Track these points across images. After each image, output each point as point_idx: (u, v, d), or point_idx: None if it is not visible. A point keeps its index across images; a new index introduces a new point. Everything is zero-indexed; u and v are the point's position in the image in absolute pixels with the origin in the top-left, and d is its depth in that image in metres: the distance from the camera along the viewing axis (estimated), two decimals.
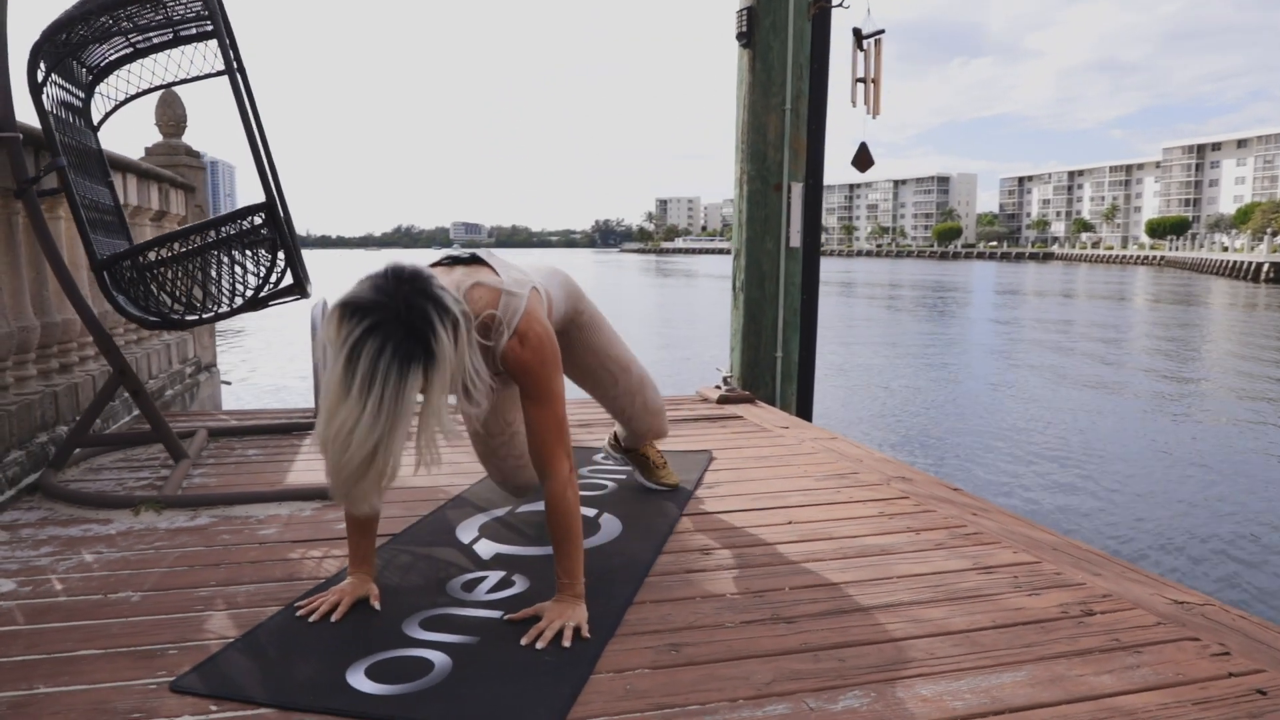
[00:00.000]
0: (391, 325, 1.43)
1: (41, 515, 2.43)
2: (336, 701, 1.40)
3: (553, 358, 1.73)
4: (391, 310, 1.43)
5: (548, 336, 1.72)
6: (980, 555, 2.10)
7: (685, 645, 1.62)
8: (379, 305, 1.44)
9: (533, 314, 1.72)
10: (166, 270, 2.61)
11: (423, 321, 1.44)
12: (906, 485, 2.75)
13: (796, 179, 4.42)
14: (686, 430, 3.59)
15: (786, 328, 4.53)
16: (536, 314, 1.73)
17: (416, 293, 1.46)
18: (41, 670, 1.54)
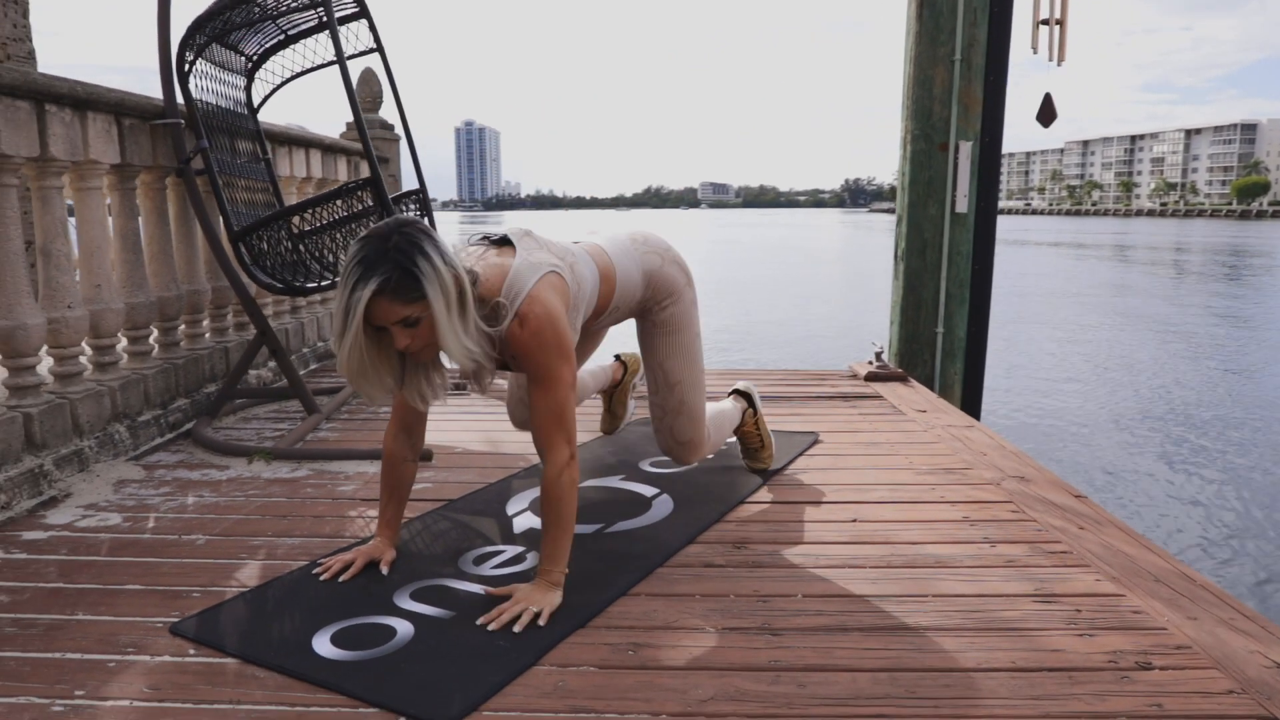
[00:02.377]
0: (374, 243, 1.53)
1: (180, 458, 2.76)
2: (286, 660, 1.48)
3: (554, 342, 1.68)
4: (381, 236, 1.54)
5: (549, 320, 1.68)
6: (1051, 580, 1.82)
7: (647, 647, 1.54)
8: (375, 234, 1.55)
9: (537, 296, 1.68)
10: (268, 245, 2.84)
11: (399, 250, 1.52)
12: (1018, 487, 2.42)
13: (966, 137, 3.99)
14: (810, 409, 3.40)
15: (950, 301, 4.14)
16: (541, 296, 1.69)
17: (408, 233, 1.55)
18: (90, 599, 1.76)
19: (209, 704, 1.37)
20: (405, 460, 1.91)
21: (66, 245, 2.64)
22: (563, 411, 1.69)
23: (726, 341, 12.22)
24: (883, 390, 3.75)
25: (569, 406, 1.70)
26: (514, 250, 1.79)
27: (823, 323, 13.94)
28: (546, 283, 1.73)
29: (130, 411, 2.84)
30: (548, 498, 1.69)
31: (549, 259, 1.77)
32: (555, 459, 1.68)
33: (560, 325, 1.70)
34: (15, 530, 2.14)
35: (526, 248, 1.78)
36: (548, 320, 1.69)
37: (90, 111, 2.67)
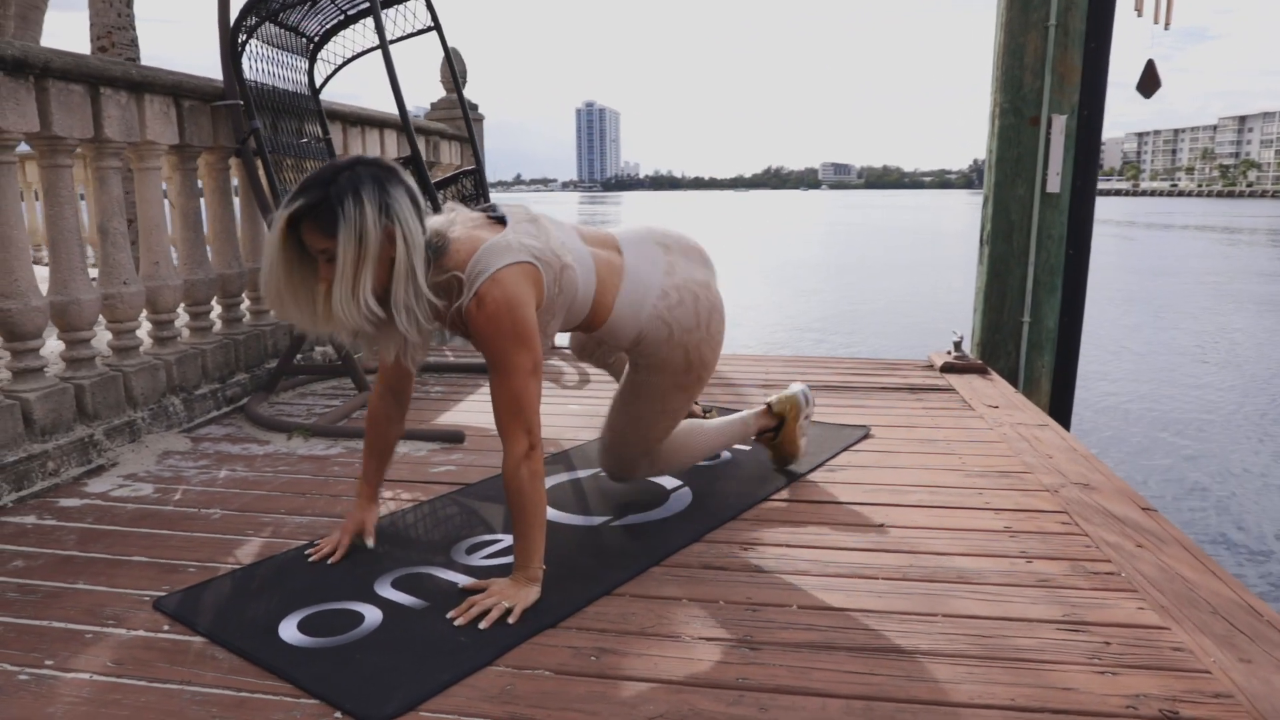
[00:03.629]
0: (328, 170, 1.54)
1: (228, 432, 2.84)
2: (248, 643, 1.47)
3: (510, 329, 1.58)
4: (340, 166, 1.54)
5: (507, 305, 1.58)
6: (1084, 605, 1.62)
7: (612, 653, 1.45)
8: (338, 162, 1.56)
9: (501, 279, 1.59)
10: None
11: (340, 184, 1.50)
12: (1077, 495, 2.20)
13: (1060, 110, 3.67)
14: (872, 400, 3.22)
15: (1039, 288, 3.84)
16: (506, 280, 1.59)
17: (361, 172, 1.52)
18: (94, 568, 1.80)
19: (161, 683, 1.37)
20: (391, 421, 1.88)
21: (123, 223, 2.74)
22: (519, 401, 1.60)
23: (821, 326, 11.90)
24: (956, 383, 3.51)
25: (526, 396, 1.60)
26: (500, 226, 1.70)
27: (924, 308, 13.37)
28: (518, 269, 1.61)
29: (187, 385, 2.94)
30: (508, 491, 1.61)
31: (534, 247, 1.66)
32: (512, 450, 1.60)
33: (520, 312, 1.59)
34: (55, 497, 2.23)
35: (518, 231, 1.69)
36: (505, 305, 1.58)
37: (147, 94, 2.75)
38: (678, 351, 1.91)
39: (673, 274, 1.91)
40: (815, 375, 3.65)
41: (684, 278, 1.92)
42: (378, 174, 1.53)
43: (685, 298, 1.90)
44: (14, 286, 2.33)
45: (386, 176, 1.54)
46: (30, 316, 2.35)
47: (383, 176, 1.53)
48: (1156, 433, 6.71)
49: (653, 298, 1.87)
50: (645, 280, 1.88)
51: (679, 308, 1.89)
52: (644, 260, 1.90)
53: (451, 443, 2.67)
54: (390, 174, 1.55)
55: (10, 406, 2.27)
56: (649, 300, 1.87)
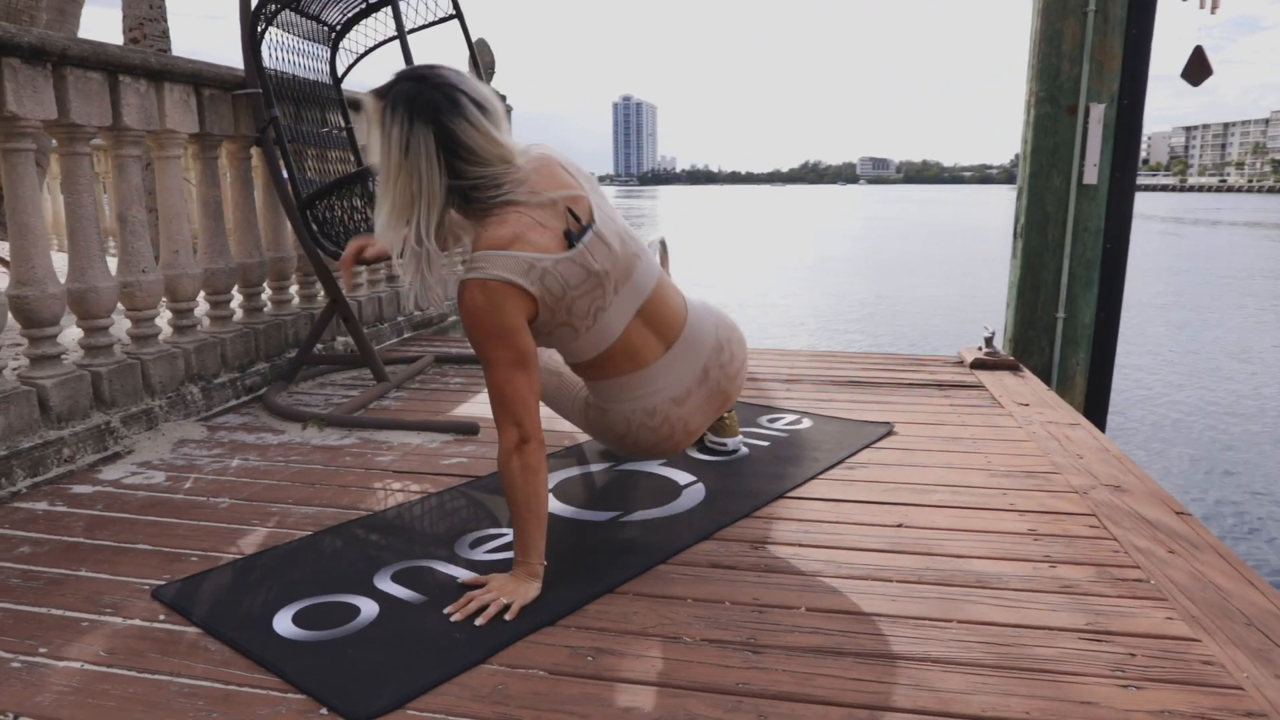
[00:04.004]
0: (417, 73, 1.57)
1: (244, 421, 2.84)
2: (240, 635, 1.45)
3: (487, 326, 1.56)
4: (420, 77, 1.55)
5: (486, 311, 1.56)
6: (1110, 613, 1.54)
7: (610, 654, 1.41)
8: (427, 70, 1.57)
9: (489, 289, 1.54)
10: (339, 213, 2.85)
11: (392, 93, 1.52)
12: (1107, 497, 2.11)
13: (1099, 98, 3.55)
14: (897, 397, 3.13)
15: (1075, 283, 3.72)
16: (493, 292, 1.54)
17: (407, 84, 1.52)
18: (99, 556, 1.80)
19: (151, 674, 1.35)
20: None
21: (142, 212, 2.74)
22: (502, 393, 1.57)
23: (853, 321, 11.74)
24: (987, 379, 3.41)
25: (510, 388, 1.56)
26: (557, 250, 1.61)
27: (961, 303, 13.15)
28: (510, 290, 1.56)
29: (205, 373, 2.95)
30: (503, 484, 1.59)
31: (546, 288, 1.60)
32: (502, 442, 1.57)
33: (495, 319, 1.56)
34: (68, 484, 2.24)
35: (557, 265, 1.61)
36: (484, 310, 1.56)
37: (167, 82, 2.75)
38: (613, 434, 2.01)
39: (681, 404, 1.91)
40: (840, 370, 3.57)
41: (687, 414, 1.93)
42: (419, 104, 1.50)
43: (664, 428, 1.93)
44: (31, 274, 2.34)
45: (424, 109, 1.50)
46: (47, 304, 2.36)
47: (421, 108, 1.50)
48: (1196, 434, 6.51)
49: (640, 405, 1.90)
50: (651, 389, 1.88)
51: (651, 430, 1.93)
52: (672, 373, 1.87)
53: (465, 435, 2.64)
54: (430, 108, 1.50)
55: (26, 393, 2.28)
56: (635, 404, 1.90)
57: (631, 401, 1.88)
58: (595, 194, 1.72)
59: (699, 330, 1.88)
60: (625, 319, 1.76)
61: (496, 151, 1.57)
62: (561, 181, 1.66)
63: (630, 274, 1.74)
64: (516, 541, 1.59)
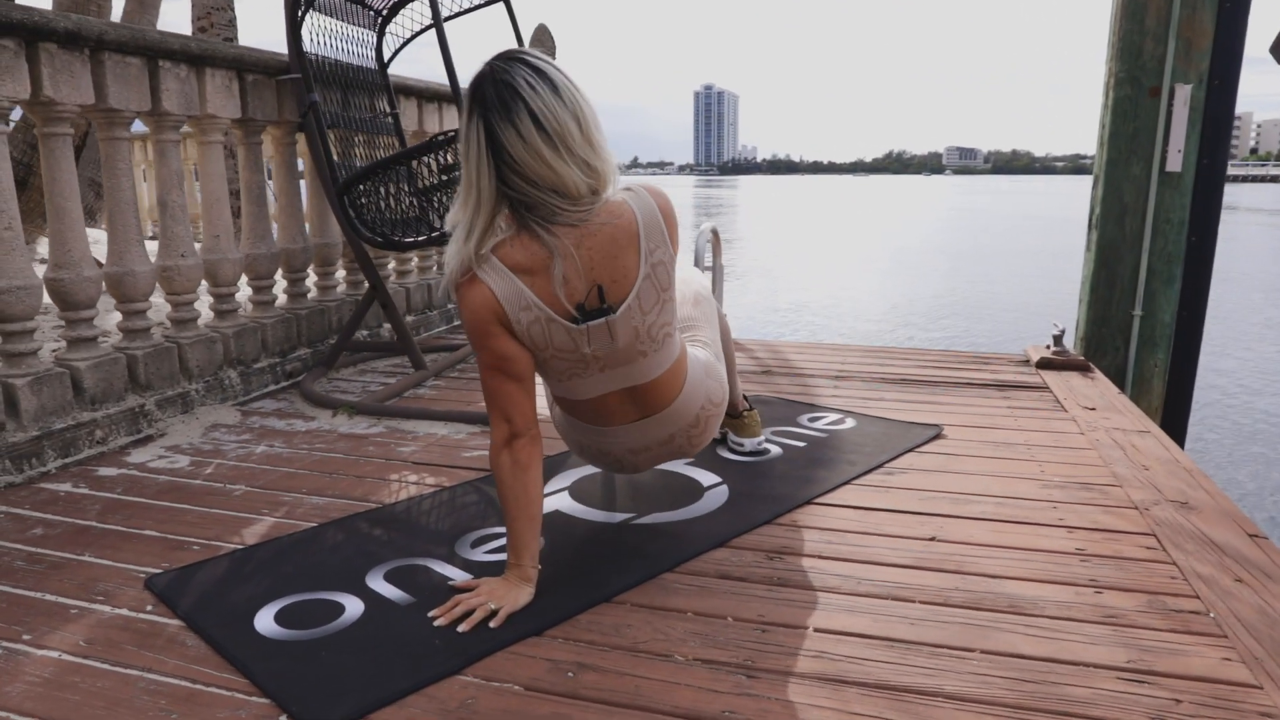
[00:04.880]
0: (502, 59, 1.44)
1: (279, 407, 2.84)
2: (218, 631, 1.41)
3: (468, 324, 1.49)
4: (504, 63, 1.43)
5: (463, 307, 1.48)
6: (1158, 650, 1.38)
7: (592, 670, 1.32)
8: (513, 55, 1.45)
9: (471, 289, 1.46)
10: (376, 198, 2.82)
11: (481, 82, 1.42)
12: (1170, 515, 1.92)
13: (1185, 79, 3.27)
14: (952, 397, 2.95)
15: (1154, 278, 3.46)
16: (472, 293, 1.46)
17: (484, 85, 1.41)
18: (105, 541, 1.79)
19: (122, 668, 1.32)
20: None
21: (182, 197, 2.76)
22: (487, 389, 1.52)
23: (916, 314, 11.36)
24: (1052, 380, 3.19)
25: (493, 384, 1.51)
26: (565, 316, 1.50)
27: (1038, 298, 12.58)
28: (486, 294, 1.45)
29: (245, 358, 2.96)
30: (495, 478, 1.51)
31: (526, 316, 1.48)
32: (493, 437, 1.51)
33: (474, 318, 1.47)
34: (95, 465, 2.26)
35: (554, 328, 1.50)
36: (464, 305, 1.48)
37: (208, 68, 2.76)
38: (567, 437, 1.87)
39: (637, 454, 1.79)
40: (894, 367, 3.40)
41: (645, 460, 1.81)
42: (477, 95, 1.41)
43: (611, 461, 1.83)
44: (67, 257, 2.37)
45: (478, 103, 1.40)
46: (83, 286, 2.39)
47: (475, 101, 1.40)
48: None
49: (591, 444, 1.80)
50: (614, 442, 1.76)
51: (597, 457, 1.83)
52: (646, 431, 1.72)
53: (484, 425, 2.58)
54: (480, 103, 1.39)
55: (60, 374, 2.31)
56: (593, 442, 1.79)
57: (586, 437, 1.77)
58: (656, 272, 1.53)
59: (683, 409, 1.71)
60: (604, 390, 1.62)
61: (550, 178, 1.40)
62: (617, 263, 1.49)
63: (627, 365, 1.59)
64: (509, 542, 1.51)
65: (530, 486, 1.49)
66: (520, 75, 1.39)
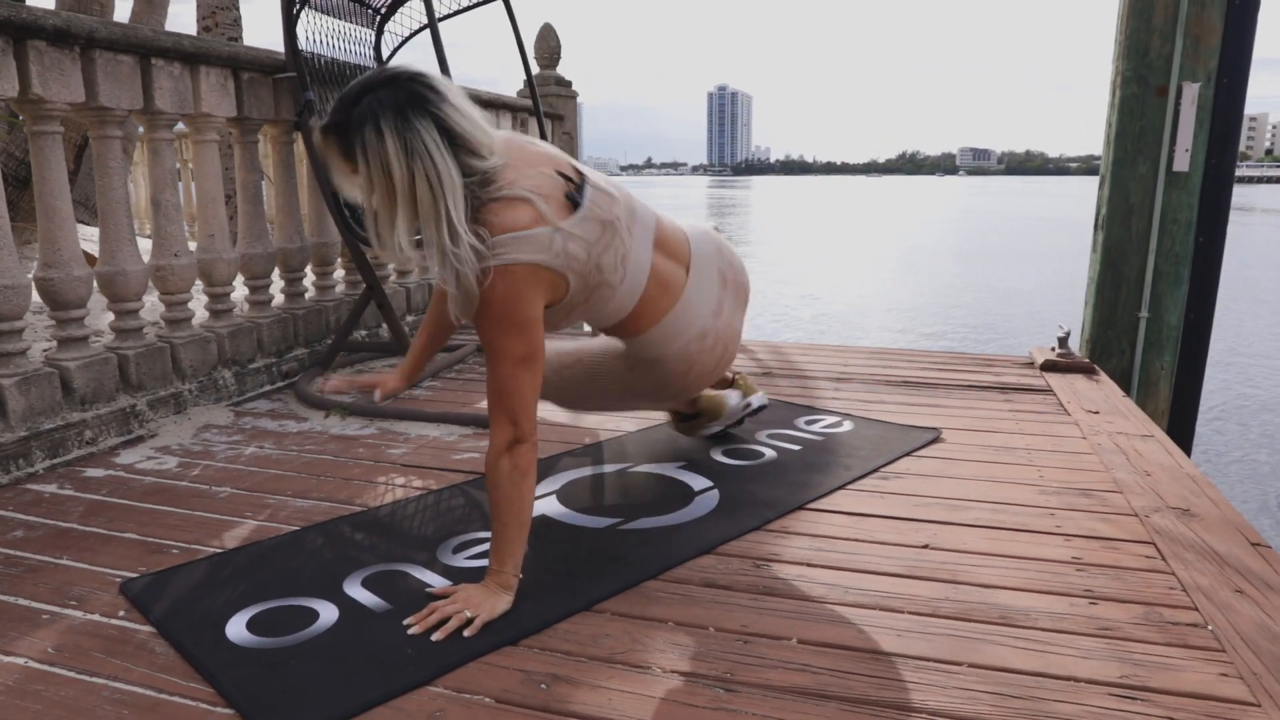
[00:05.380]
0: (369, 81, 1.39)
1: (272, 408, 2.82)
2: (187, 638, 1.38)
3: (505, 317, 1.44)
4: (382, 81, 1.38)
5: (508, 299, 1.44)
6: (1151, 665, 1.33)
7: (566, 682, 1.29)
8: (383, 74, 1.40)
9: (512, 274, 1.43)
10: None
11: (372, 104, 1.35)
12: (1171, 524, 1.87)
13: (1192, 78, 3.21)
14: (952, 400, 2.91)
15: (1161, 280, 3.40)
16: (517, 277, 1.43)
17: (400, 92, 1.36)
18: (84, 544, 1.77)
19: (88, 676, 1.30)
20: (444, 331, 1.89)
21: (176, 195, 2.74)
22: (504, 388, 1.46)
23: (924, 313, 11.28)
24: (1056, 383, 3.14)
25: (514, 384, 1.45)
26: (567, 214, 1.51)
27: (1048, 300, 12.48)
28: (536, 271, 1.46)
29: (240, 358, 2.95)
30: (488, 484, 1.48)
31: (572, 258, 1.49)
32: (495, 439, 1.46)
33: (518, 308, 1.45)
34: (83, 466, 2.25)
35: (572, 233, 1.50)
36: (507, 298, 1.44)
37: (203, 66, 2.74)
38: (676, 380, 1.87)
39: (719, 315, 1.84)
40: (896, 369, 3.36)
41: (727, 322, 1.87)
42: (404, 100, 1.34)
43: (718, 345, 1.85)
44: (57, 256, 2.35)
45: (413, 104, 1.35)
46: (73, 286, 2.37)
47: (408, 104, 1.34)
48: None
49: (692, 334, 1.80)
50: (693, 314, 1.79)
51: (708, 353, 1.84)
52: (702, 290, 1.81)
53: (484, 428, 2.56)
54: (418, 101, 1.35)
55: (49, 374, 2.29)
56: (688, 335, 1.79)
57: (684, 334, 1.79)
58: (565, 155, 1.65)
59: (700, 244, 1.84)
60: (648, 255, 1.69)
61: (488, 142, 1.45)
62: (539, 152, 1.58)
63: (634, 212, 1.68)
64: (493, 548, 1.48)
65: (527, 495, 1.47)
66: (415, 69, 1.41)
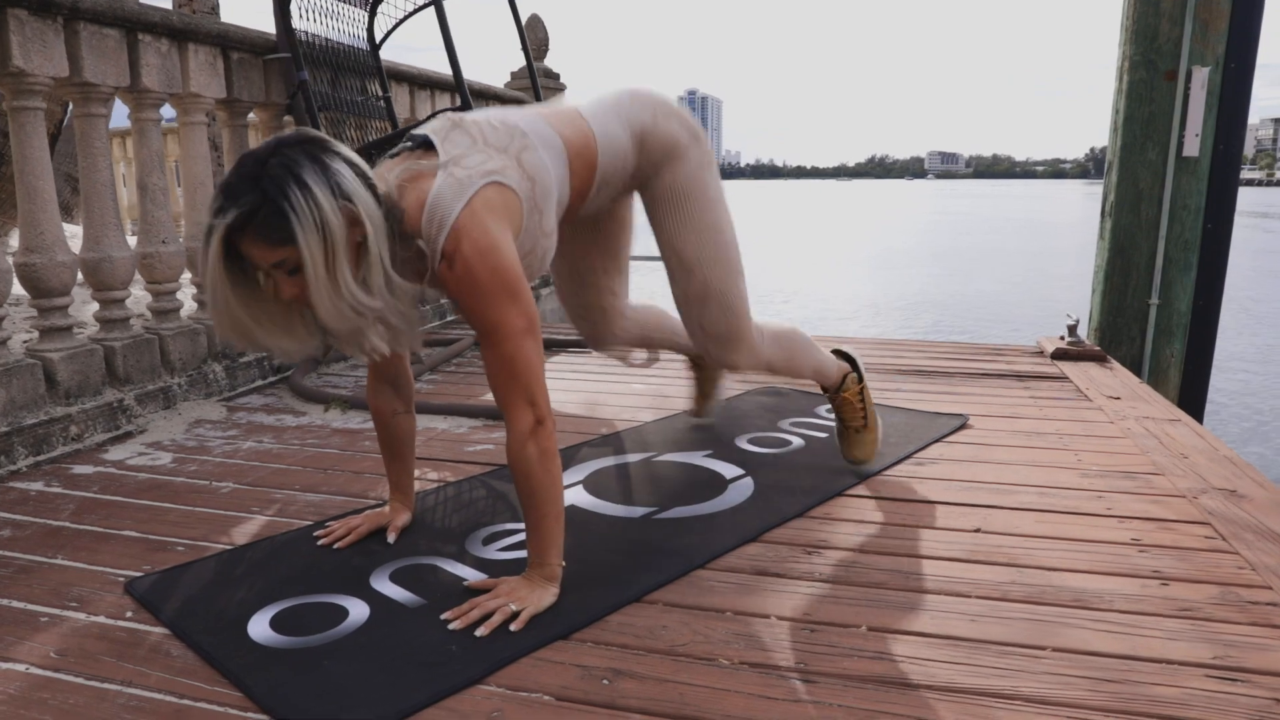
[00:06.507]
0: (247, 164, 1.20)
1: (266, 402, 2.69)
2: (207, 639, 1.26)
3: (489, 284, 1.30)
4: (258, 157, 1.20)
5: (480, 256, 1.29)
6: (1243, 645, 1.26)
7: (630, 677, 1.18)
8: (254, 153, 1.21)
9: (463, 229, 1.29)
10: None
11: (272, 176, 1.16)
12: (1223, 506, 1.81)
13: (1202, 62, 3.19)
14: (971, 387, 2.84)
15: (1171, 267, 3.37)
16: (469, 227, 1.30)
17: (291, 154, 1.19)
18: (79, 542, 1.64)
19: (99, 681, 1.17)
20: (396, 413, 1.65)
21: (163, 179, 2.60)
22: (513, 367, 1.32)
23: (919, 313, 11.31)
24: (1070, 371, 3.09)
25: (522, 359, 1.32)
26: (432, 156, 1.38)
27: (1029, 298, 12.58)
28: (478, 203, 1.31)
29: (230, 351, 2.81)
30: (515, 475, 1.35)
31: (481, 164, 1.35)
32: (515, 426, 1.33)
33: (498, 259, 1.30)
34: (70, 463, 2.11)
35: (452, 153, 1.36)
36: (478, 256, 1.29)
37: (191, 43, 2.61)
38: (670, 123, 1.63)
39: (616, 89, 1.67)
40: (906, 359, 3.29)
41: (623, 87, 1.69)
42: (308, 149, 1.21)
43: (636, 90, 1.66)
44: (40, 240, 2.21)
45: (318, 148, 1.22)
46: (56, 272, 2.23)
47: (314, 150, 1.22)
48: None
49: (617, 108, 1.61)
50: (602, 104, 1.61)
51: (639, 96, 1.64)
52: (588, 97, 1.65)
53: (494, 420, 2.45)
54: (319, 144, 1.23)
55: (31, 366, 2.15)
56: (616, 111, 1.60)
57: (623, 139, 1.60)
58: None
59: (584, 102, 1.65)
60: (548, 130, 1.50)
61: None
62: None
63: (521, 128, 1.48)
64: (530, 539, 1.37)
65: (558, 478, 1.35)
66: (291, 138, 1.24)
